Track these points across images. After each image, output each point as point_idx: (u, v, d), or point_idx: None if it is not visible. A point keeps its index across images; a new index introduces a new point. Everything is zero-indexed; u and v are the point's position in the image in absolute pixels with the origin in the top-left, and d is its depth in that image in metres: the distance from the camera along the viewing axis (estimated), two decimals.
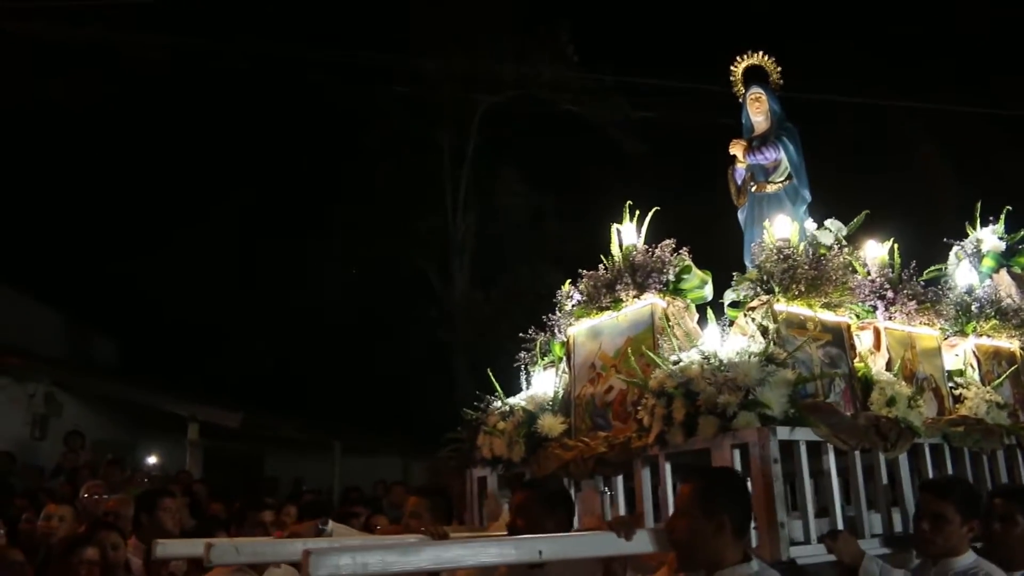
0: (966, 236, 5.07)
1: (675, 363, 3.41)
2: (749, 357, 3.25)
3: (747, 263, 4.89)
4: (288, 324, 18.42)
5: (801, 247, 3.77)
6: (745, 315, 3.60)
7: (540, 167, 19.21)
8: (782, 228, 3.86)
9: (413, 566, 2.33)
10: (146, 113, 17.33)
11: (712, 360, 3.31)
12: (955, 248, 5.02)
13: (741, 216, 5.01)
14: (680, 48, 19.14)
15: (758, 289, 3.61)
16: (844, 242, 4.34)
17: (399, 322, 18.98)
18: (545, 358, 4.54)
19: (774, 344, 3.33)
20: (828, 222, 4.66)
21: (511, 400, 4.29)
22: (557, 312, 4.58)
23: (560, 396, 4.20)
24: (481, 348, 18.35)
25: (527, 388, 4.48)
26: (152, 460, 13.33)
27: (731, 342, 3.48)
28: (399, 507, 8.81)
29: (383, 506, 9.00)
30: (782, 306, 3.56)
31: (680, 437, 3.25)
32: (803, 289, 3.55)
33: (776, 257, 3.63)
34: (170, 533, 4.77)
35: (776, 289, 3.55)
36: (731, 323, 3.75)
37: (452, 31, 17.89)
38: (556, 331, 4.43)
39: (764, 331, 3.47)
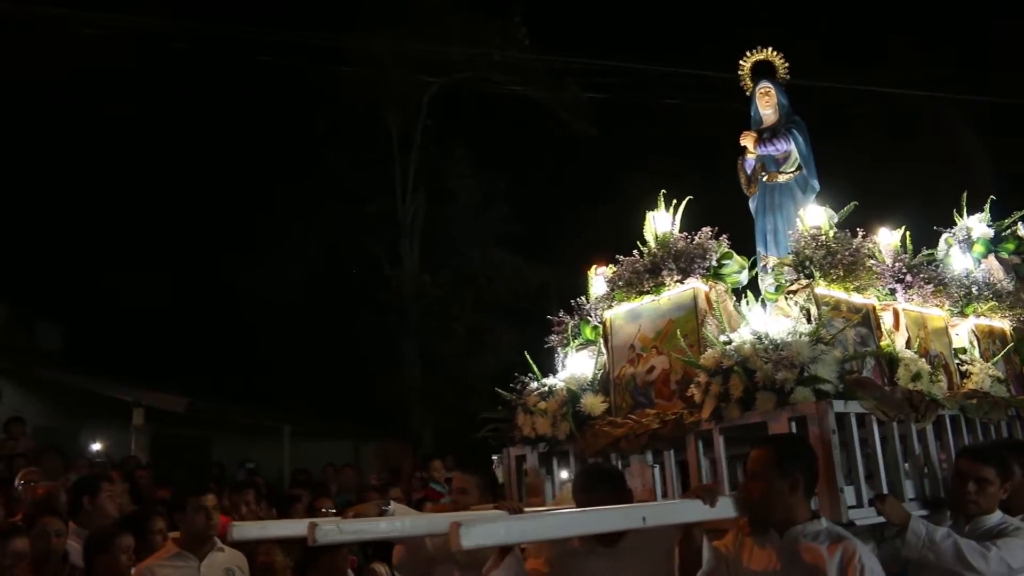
0: (954, 224, 5.45)
1: (726, 343, 3.64)
2: (800, 337, 3.50)
3: (760, 249, 5.18)
4: (236, 308, 18.25)
5: (832, 234, 4.04)
6: (787, 298, 3.85)
7: (490, 150, 19.30)
8: (814, 217, 4.12)
9: (547, 534, 2.50)
10: (85, 93, 16.78)
11: (764, 340, 3.55)
12: (944, 235, 5.39)
13: (752, 205, 5.28)
14: (630, 30, 19.49)
15: (799, 273, 3.85)
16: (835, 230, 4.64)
17: (348, 305, 18.90)
18: (576, 340, 4.72)
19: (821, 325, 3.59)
20: (820, 211, 4.97)
21: (549, 380, 4.46)
22: (583, 298, 4.79)
23: (598, 376, 4.39)
24: (430, 331, 18.42)
25: (562, 369, 4.65)
26: (96, 447, 13.05)
27: (775, 323, 3.72)
28: (351, 490, 8.75)
29: (331, 490, 8.85)
30: (821, 289, 3.82)
31: (736, 412, 3.49)
32: (841, 273, 3.82)
33: (814, 244, 3.89)
34: (111, 518, 4.86)
35: (816, 274, 3.81)
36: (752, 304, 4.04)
37: (401, 12, 17.80)
38: (589, 315, 4.62)
39: (808, 313, 3.73)
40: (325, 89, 18.03)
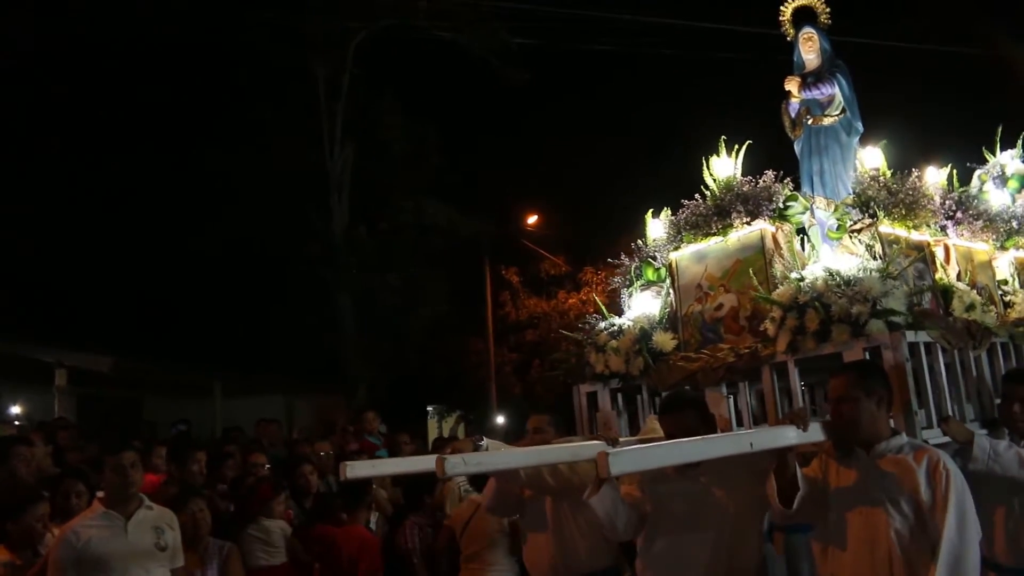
0: (986, 161, 5.69)
1: (799, 280, 3.90)
2: (870, 273, 3.76)
3: (806, 190, 5.40)
4: (164, 264, 17.57)
5: (890, 175, 4.28)
6: (851, 236, 4.10)
7: (420, 98, 18.91)
8: (873, 158, 4.35)
9: (677, 459, 2.78)
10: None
11: (835, 276, 3.80)
12: (978, 171, 5.63)
13: (797, 147, 5.47)
14: None
15: (862, 213, 4.10)
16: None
17: (278, 260, 18.13)
18: (639, 281, 4.97)
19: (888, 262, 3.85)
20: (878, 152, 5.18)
21: (618, 320, 4.72)
22: (641, 240, 5.03)
23: (666, 315, 4.65)
24: (364, 284, 18.25)
25: (628, 309, 4.91)
26: (16, 410, 12.59)
27: (841, 260, 3.97)
28: (276, 445, 8.56)
29: (263, 445, 8.21)
30: (883, 228, 4.07)
31: (812, 344, 3.77)
32: (903, 212, 4.06)
33: (876, 185, 4.13)
34: (24, 482, 4.70)
35: (879, 213, 4.05)
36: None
37: None
38: (652, 257, 4.86)
39: (873, 250, 3.98)
40: (246, 39, 16.97)
